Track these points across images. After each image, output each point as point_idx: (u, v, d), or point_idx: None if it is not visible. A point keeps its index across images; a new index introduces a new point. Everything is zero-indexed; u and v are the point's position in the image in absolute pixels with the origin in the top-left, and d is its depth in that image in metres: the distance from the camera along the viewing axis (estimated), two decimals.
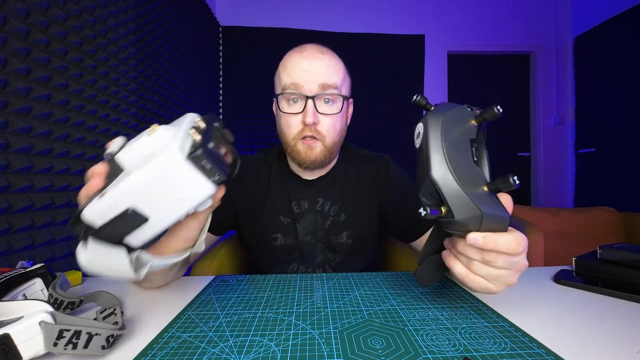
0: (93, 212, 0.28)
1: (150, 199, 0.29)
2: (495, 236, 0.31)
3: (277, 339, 0.31)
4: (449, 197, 0.30)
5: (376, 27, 2.63)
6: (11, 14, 0.74)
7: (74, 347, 0.26)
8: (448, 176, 0.30)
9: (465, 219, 0.30)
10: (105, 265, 0.30)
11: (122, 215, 0.28)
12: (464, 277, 0.34)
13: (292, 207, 0.67)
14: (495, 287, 0.34)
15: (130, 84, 1.24)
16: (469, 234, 0.31)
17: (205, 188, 0.30)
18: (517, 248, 0.32)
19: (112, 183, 0.29)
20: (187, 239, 0.43)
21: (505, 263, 0.32)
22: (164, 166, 0.27)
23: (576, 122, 2.60)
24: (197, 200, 0.30)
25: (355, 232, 0.67)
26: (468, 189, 0.30)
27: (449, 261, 0.36)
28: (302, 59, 0.60)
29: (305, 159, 0.61)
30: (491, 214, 0.30)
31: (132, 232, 0.30)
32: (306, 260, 0.67)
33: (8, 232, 0.72)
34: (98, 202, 0.28)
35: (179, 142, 0.28)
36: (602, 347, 0.30)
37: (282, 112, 0.61)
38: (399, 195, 0.69)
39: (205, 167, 0.29)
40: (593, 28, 2.42)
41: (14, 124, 0.73)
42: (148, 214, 0.29)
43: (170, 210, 0.30)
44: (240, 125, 2.54)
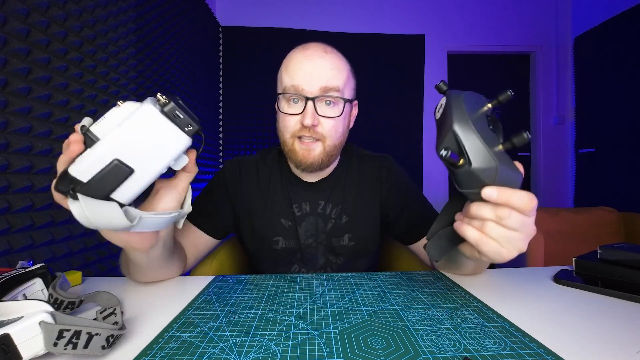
0: (79, 168, 0.31)
1: (133, 151, 0.32)
2: (509, 190, 0.32)
3: (277, 339, 0.31)
4: (468, 145, 0.32)
5: (376, 27, 2.63)
6: (11, 14, 0.74)
7: (74, 347, 0.26)
8: (468, 127, 0.32)
9: (481, 168, 0.32)
10: (99, 216, 0.31)
11: (108, 166, 0.31)
12: (478, 240, 0.34)
13: (294, 210, 0.66)
14: (507, 251, 0.34)
15: (130, 84, 1.24)
16: (484, 188, 0.32)
17: (181, 139, 0.34)
18: (529, 204, 0.32)
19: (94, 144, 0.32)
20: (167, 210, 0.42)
21: (517, 222, 0.33)
22: (142, 119, 0.31)
23: (576, 122, 2.60)
24: (175, 151, 0.34)
25: (357, 234, 0.66)
26: (486, 142, 0.32)
27: (461, 228, 0.36)
28: (304, 59, 0.58)
29: (303, 161, 0.59)
30: (505, 170, 0.32)
31: (119, 186, 0.32)
32: (308, 262, 0.67)
33: (8, 232, 0.72)
34: (83, 157, 0.31)
35: (150, 101, 0.32)
36: (602, 347, 0.30)
37: (282, 112, 0.60)
38: (400, 196, 0.68)
39: (178, 117, 0.33)
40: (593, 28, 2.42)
41: (14, 124, 0.73)
42: (132, 166, 0.32)
43: (152, 162, 0.33)
44: (240, 125, 2.54)
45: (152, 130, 0.32)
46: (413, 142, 2.65)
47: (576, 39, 2.59)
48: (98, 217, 0.31)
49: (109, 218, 0.32)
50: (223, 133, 2.54)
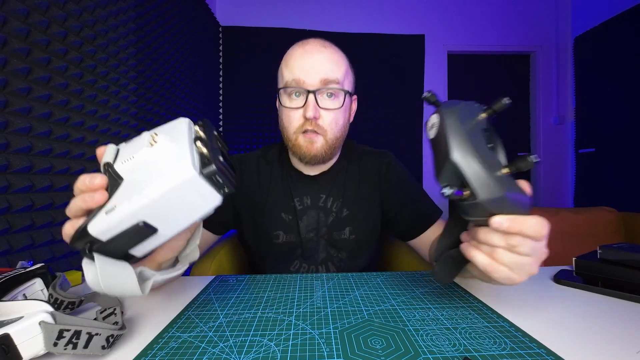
0: (101, 227, 0.27)
1: (162, 212, 0.29)
2: (520, 219, 0.31)
3: (277, 339, 0.31)
4: (471, 177, 0.30)
5: (376, 27, 2.63)
6: (11, 14, 0.74)
7: (74, 347, 0.26)
8: (469, 157, 0.30)
9: (488, 199, 0.30)
10: (113, 283, 0.29)
11: (133, 228, 0.28)
12: (487, 266, 0.33)
13: (295, 204, 0.66)
14: (519, 276, 0.33)
15: (130, 84, 1.24)
16: (493, 218, 0.31)
17: (214, 200, 0.30)
18: (542, 231, 0.31)
19: (118, 195, 0.29)
20: (175, 248, 0.42)
21: (529, 249, 0.32)
22: (180, 182, 0.28)
23: (576, 122, 2.60)
24: (205, 211, 0.31)
25: (357, 227, 0.67)
26: (489, 170, 0.30)
27: (469, 252, 0.34)
28: (304, 53, 0.60)
29: (306, 154, 0.61)
30: (513, 196, 0.30)
31: (138, 244, 0.30)
32: (309, 257, 0.67)
33: (8, 232, 0.72)
34: (107, 217, 0.27)
35: (190, 156, 0.29)
36: (602, 347, 0.30)
37: (284, 107, 0.61)
38: (400, 192, 0.69)
39: (217, 181, 0.29)
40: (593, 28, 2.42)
41: (14, 124, 0.73)
42: (157, 226, 0.29)
43: (179, 221, 0.31)
44: (240, 125, 2.54)
45: (187, 194, 0.29)
46: (413, 142, 2.65)
47: (576, 39, 2.59)
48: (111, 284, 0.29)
49: (122, 285, 0.30)
50: (223, 133, 2.54)
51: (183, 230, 0.32)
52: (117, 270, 0.30)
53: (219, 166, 0.29)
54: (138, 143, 0.31)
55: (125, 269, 0.30)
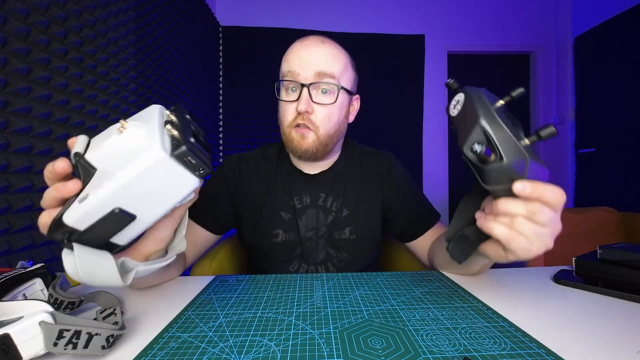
0: (76, 216, 0.27)
1: (136, 197, 0.28)
2: (541, 185, 0.32)
3: (277, 339, 0.31)
4: (498, 139, 0.31)
5: (376, 27, 2.63)
6: (11, 14, 0.74)
7: (74, 347, 0.26)
8: (496, 121, 0.31)
9: (513, 162, 0.31)
10: (93, 273, 0.29)
11: (109, 216, 0.28)
12: (507, 236, 0.33)
13: (294, 203, 0.66)
14: (537, 247, 0.34)
15: (130, 84, 1.24)
16: (516, 183, 0.31)
17: (190, 182, 0.30)
18: (561, 199, 0.32)
19: (91, 184, 0.28)
20: (161, 239, 0.41)
21: (547, 217, 0.32)
22: (149, 165, 0.27)
23: (576, 122, 2.60)
24: (182, 194, 0.31)
25: (358, 227, 0.67)
26: (515, 136, 0.31)
27: (487, 225, 0.35)
28: (302, 47, 0.60)
29: (297, 148, 0.61)
30: (535, 163, 0.31)
31: (118, 232, 0.29)
32: (308, 257, 0.67)
33: (8, 232, 0.72)
34: (81, 205, 0.27)
35: (159, 138, 0.28)
36: (602, 347, 0.30)
37: (280, 100, 0.62)
38: (400, 194, 0.69)
39: (190, 162, 0.29)
40: (593, 28, 2.41)
41: (14, 124, 0.73)
42: (135, 212, 0.29)
43: (157, 206, 0.30)
44: (240, 125, 2.54)
45: (159, 176, 0.28)
46: (413, 142, 2.65)
47: (576, 39, 2.58)
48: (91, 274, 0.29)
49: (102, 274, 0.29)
50: (223, 133, 2.54)
51: (164, 216, 0.32)
52: (97, 259, 0.29)
53: (190, 147, 0.28)
54: (108, 132, 0.30)
55: (105, 259, 0.29)
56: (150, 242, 0.41)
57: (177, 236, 0.43)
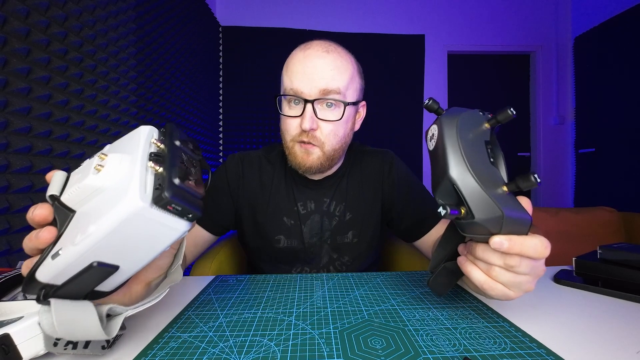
0: (49, 273, 0.24)
1: (116, 249, 0.25)
2: (520, 239, 0.30)
3: (277, 339, 0.31)
4: (468, 196, 0.29)
5: (376, 27, 2.63)
6: (11, 14, 0.74)
7: (74, 347, 0.26)
8: (467, 175, 0.29)
9: (485, 219, 0.29)
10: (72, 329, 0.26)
11: (86, 270, 0.24)
12: (483, 284, 0.33)
13: (298, 208, 0.65)
14: (515, 293, 0.33)
15: (130, 84, 1.24)
16: (493, 238, 0.30)
17: (178, 228, 0.26)
18: (543, 252, 0.30)
19: (66, 234, 0.25)
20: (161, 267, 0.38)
21: (527, 268, 0.31)
22: (126, 217, 0.23)
23: (576, 122, 2.60)
24: (170, 240, 0.27)
25: (360, 230, 0.66)
26: (488, 189, 0.29)
27: (465, 268, 0.34)
28: (304, 59, 0.56)
29: (301, 164, 0.59)
30: (512, 215, 0.29)
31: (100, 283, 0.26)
32: (311, 261, 0.66)
33: (8, 232, 0.72)
34: (54, 262, 0.24)
35: (138, 183, 0.24)
36: (602, 347, 0.30)
37: (282, 115, 0.59)
38: (403, 192, 0.68)
39: (175, 209, 0.25)
40: (593, 28, 2.42)
41: (14, 124, 0.73)
42: (117, 263, 0.25)
43: (142, 255, 0.27)
44: (240, 125, 2.54)
45: (140, 226, 0.24)
46: (413, 142, 2.66)
47: (576, 39, 2.59)
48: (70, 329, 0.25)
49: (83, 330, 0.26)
50: (223, 133, 2.54)
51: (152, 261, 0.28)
52: (76, 313, 0.26)
53: (174, 192, 0.24)
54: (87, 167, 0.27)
55: (86, 311, 0.26)
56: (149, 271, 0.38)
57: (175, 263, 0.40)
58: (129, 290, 0.37)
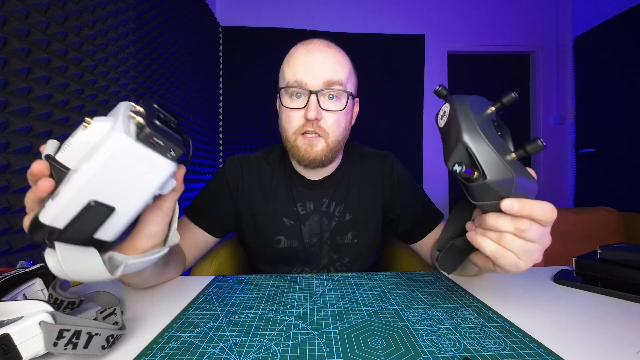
0: (52, 214, 0.27)
1: (110, 188, 0.28)
2: (530, 202, 0.31)
3: (277, 339, 0.31)
4: (481, 157, 0.30)
5: (376, 27, 2.63)
6: (11, 14, 0.74)
7: (74, 347, 0.26)
8: (479, 138, 0.30)
9: (497, 180, 0.30)
10: (77, 269, 0.28)
11: (85, 210, 0.27)
12: (495, 252, 0.33)
13: (297, 209, 0.65)
14: (525, 263, 0.33)
15: (130, 84, 1.24)
16: (503, 201, 0.31)
17: (163, 166, 0.29)
18: (551, 215, 0.32)
19: (63, 181, 0.28)
20: (154, 235, 0.40)
21: (536, 234, 0.32)
22: (114, 151, 0.26)
23: (576, 122, 2.60)
24: (158, 180, 0.30)
25: (360, 231, 0.66)
26: (499, 152, 0.30)
27: (476, 239, 0.34)
28: (307, 53, 0.58)
29: (305, 156, 0.59)
30: (521, 180, 0.30)
31: (100, 226, 0.29)
32: (311, 262, 0.66)
33: (8, 232, 0.72)
34: (54, 202, 0.26)
35: (122, 125, 0.27)
36: (602, 347, 0.30)
37: (284, 107, 0.59)
38: (403, 194, 0.68)
39: (157, 143, 0.28)
40: (593, 28, 2.41)
41: (14, 124, 0.73)
42: (113, 204, 0.28)
43: (134, 195, 0.29)
44: (240, 125, 2.54)
45: (128, 163, 0.27)
46: (413, 142, 2.65)
47: (576, 39, 2.59)
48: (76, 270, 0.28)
49: (88, 270, 0.29)
50: (223, 133, 2.54)
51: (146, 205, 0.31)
52: (80, 254, 0.29)
53: (154, 127, 0.28)
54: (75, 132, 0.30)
55: (89, 253, 0.29)
56: (143, 239, 0.40)
57: (171, 230, 0.42)
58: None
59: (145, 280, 0.46)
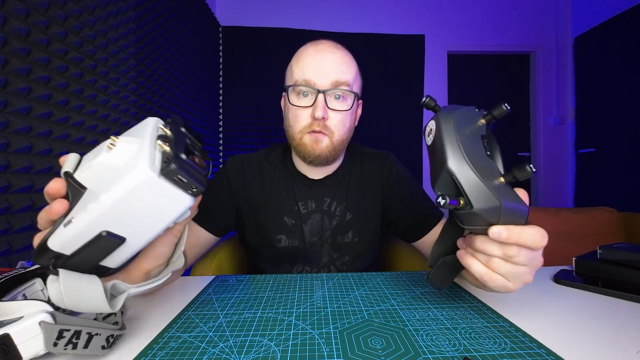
0: (61, 241, 0.26)
1: (125, 219, 0.27)
2: (518, 229, 0.30)
3: (277, 339, 0.31)
4: (467, 186, 0.30)
5: (376, 27, 2.63)
6: (11, 14, 0.74)
7: (74, 347, 0.26)
8: (464, 166, 0.30)
9: (483, 209, 0.30)
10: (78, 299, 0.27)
11: (96, 239, 0.26)
12: (483, 275, 0.33)
13: (299, 208, 0.66)
14: (514, 285, 0.33)
15: (130, 84, 1.24)
16: (491, 228, 0.30)
17: (183, 201, 0.28)
18: (541, 241, 0.31)
19: (77, 206, 0.26)
20: (160, 255, 0.40)
21: (525, 258, 0.32)
22: (136, 185, 0.25)
23: (576, 122, 2.60)
24: (175, 214, 0.29)
25: (360, 230, 0.67)
26: (485, 179, 0.29)
27: (465, 260, 0.34)
28: (316, 53, 0.59)
29: (311, 153, 0.60)
30: (510, 206, 0.30)
31: (108, 256, 0.28)
32: (312, 261, 0.67)
33: (8, 232, 0.72)
34: (65, 229, 0.25)
35: (147, 156, 0.26)
36: (602, 347, 0.30)
37: (292, 105, 0.60)
38: (403, 194, 0.68)
39: (181, 180, 0.27)
40: (593, 28, 2.42)
41: (14, 124, 0.73)
42: (124, 235, 0.27)
43: (148, 228, 0.28)
44: (240, 125, 2.54)
45: (147, 197, 0.26)
46: (413, 142, 2.66)
47: (576, 39, 2.59)
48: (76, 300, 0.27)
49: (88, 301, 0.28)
50: (223, 133, 2.54)
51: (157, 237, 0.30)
52: (82, 284, 0.27)
53: (180, 164, 0.27)
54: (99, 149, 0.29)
55: (92, 283, 0.28)
56: (149, 259, 0.39)
57: (177, 252, 0.41)
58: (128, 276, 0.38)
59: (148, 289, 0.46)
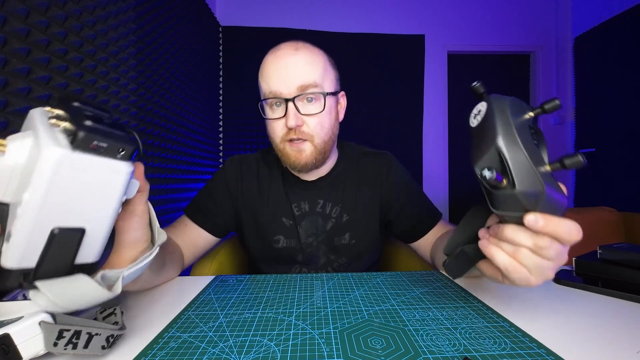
0: (13, 257, 0.23)
1: (68, 209, 0.24)
2: (556, 219, 0.29)
3: (277, 339, 0.31)
4: (514, 165, 0.28)
5: (376, 27, 2.63)
6: (11, 14, 0.74)
7: (74, 347, 0.26)
8: (515, 145, 0.28)
9: (526, 192, 0.28)
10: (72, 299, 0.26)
11: (51, 240, 0.24)
12: (508, 265, 0.31)
13: (293, 210, 0.66)
14: (535, 279, 0.32)
15: (130, 84, 1.24)
16: (528, 214, 0.29)
17: (117, 168, 0.26)
18: (576, 236, 0.29)
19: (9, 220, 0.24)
20: (137, 241, 0.38)
21: (555, 252, 0.30)
22: (53, 169, 0.22)
23: (576, 122, 2.60)
24: (118, 185, 0.26)
25: (357, 232, 0.66)
26: (533, 162, 0.28)
27: (489, 250, 0.32)
28: (275, 60, 0.58)
29: (296, 163, 0.59)
30: (552, 194, 0.28)
31: (77, 250, 0.26)
32: (309, 262, 0.67)
33: None
34: (10, 244, 0.23)
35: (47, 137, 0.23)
36: (602, 347, 0.30)
37: (266, 119, 0.61)
38: (401, 194, 0.68)
39: (99, 146, 0.24)
40: (593, 28, 2.41)
41: (14, 124, 0.73)
42: (80, 224, 0.25)
43: (100, 208, 0.26)
44: (240, 125, 2.54)
45: (74, 176, 0.23)
46: (413, 142, 2.65)
47: (576, 39, 2.58)
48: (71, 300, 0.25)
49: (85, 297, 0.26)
50: (223, 133, 2.54)
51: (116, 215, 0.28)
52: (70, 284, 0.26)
53: (88, 129, 0.24)
54: None
55: (79, 280, 0.26)
56: (127, 248, 0.38)
57: (154, 230, 0.39)
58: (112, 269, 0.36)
59: (143, 285, 0.46)
